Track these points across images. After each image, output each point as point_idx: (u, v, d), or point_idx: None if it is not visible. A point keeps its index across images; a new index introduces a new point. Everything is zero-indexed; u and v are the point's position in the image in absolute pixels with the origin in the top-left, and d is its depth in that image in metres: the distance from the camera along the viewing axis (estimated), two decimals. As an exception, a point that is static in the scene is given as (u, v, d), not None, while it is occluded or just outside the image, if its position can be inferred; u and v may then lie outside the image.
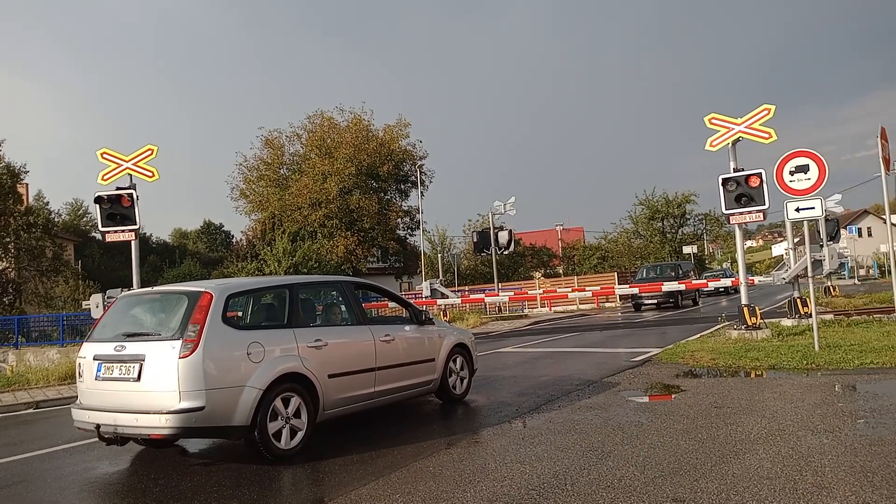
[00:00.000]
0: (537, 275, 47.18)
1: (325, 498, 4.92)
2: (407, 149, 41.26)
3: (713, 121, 12.97)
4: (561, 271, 51.80)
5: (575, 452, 5.63)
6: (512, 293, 28.44)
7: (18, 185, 32.95)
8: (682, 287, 22.86)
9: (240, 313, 7.10)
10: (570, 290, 30.02)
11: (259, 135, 41.84)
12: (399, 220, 41.79)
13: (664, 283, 23.29)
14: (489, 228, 29.12)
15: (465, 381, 8.59)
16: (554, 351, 14.25)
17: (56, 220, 42.69)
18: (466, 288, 36.12)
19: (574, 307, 34.40)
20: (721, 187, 12.63)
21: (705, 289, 32.28)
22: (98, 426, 5.83)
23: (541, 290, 29.71)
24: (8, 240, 30.08)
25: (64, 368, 13.80)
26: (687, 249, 47.08)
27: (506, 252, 30.28)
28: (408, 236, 43.78)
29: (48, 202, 51.44)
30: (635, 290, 24.71)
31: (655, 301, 27.89)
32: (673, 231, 51.97)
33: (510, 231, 29.15)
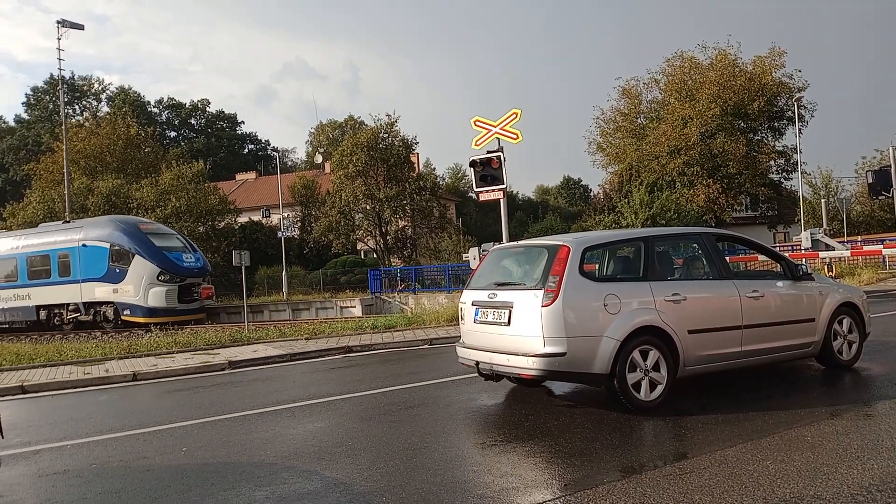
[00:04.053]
0: (962, 220, 37.90)
1: (689, 454, 4.82)
2: (782, 81, 36.68)
3: None
4: None
5: None
6: (922, 243, 23.37)
7: (411, 155, 38.80)
8: None
9: (596, 266, 7.28)
10: None
11: (616, 86, 41.60)
12: (772, 162, 37.62)
13: None
14: (890, 166, 24.31)
15: (854, 346, 7.46)
16: (985, 315, 11.39)
17: (440, 183, 49.25)
18: (858, 238, 30.91)
19: None
20: None
21: None
22: (477, 363, 6.65)
23: (966, 240, 23.76)
24: (405, 202, 35.83)
25: (450, 311, 15.99)
26: None
27: (913, 193, 24.94)
28: (782, 180, 39.33)
29: (434, 168, 59.52)
30: None
31: None
32: None
33: (920, 167, 23.88)
